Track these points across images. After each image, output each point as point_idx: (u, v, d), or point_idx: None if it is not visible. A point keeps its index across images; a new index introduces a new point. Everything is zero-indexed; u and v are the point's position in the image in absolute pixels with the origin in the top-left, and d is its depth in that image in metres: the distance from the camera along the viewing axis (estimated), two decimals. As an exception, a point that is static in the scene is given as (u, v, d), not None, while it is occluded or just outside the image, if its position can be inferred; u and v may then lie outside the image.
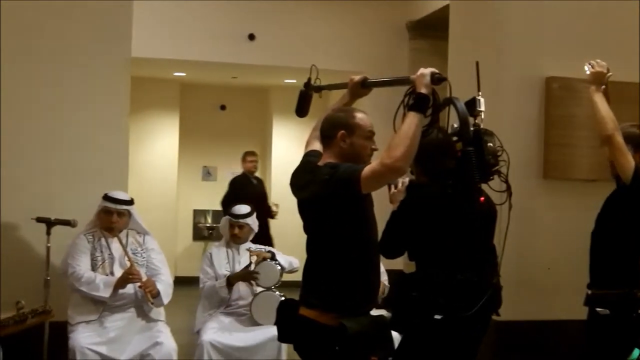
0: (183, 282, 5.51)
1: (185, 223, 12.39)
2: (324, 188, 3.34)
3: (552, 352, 5.55)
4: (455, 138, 3.69)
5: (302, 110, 4.14)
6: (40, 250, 5.41)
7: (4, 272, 5.51)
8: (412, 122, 3.20)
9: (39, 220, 5.23)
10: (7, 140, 5.71)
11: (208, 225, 12.40)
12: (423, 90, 3.25)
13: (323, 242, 3.44)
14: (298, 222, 3.37)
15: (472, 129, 3.63)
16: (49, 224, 5.21)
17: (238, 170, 11.18)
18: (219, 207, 12.06)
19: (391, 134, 3.40)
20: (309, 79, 4.10)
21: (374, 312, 3.52)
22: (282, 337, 3.67)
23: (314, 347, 3.40)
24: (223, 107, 12.70)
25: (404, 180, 3.95)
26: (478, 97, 3.66)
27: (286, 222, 11.68)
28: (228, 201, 9.56)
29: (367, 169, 3.22)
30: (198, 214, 12.50)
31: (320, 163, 3.50)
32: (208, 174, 12.67)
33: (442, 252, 3.74)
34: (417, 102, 3.25)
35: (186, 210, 12.39)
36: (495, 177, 3.75)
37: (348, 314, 3.32)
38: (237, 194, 9.62)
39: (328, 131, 3.50)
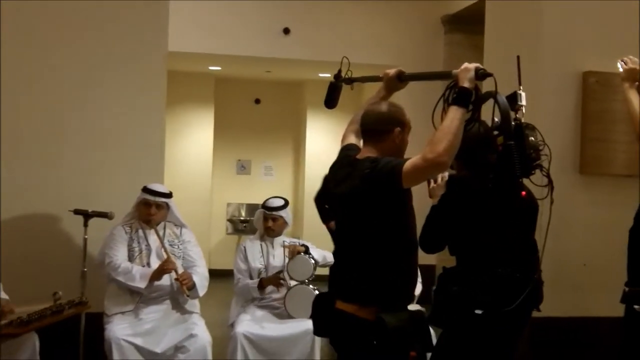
0: (217, 275, 5.55)
1: (219, 216, 12.45)
2: (365, 182, 3.33)
3: (588, 349, 5.51)
4: (496, 132, 3.67)
5: (331, 101, 4.14)
6: (77, 242, 5.48)
7: (42, 263, 5.62)
8: (454, 116, 3.18)
9: (77, 212, 5.29)
10: (46, 134, 5.81)
11: (242, 218, 12.45)
12: (466, 85, 3.22)
13: (362, 236, 3.42)
14: None
15: (513, 123, 3.60)
16: (87, 216, 5.26)
17: (271, 163, 11.25)
18: (252, 201, 12.14)
19: (426, 128, 3.40)
20: (339, 71, 4.10)
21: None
22: (317, 331, 3.68)
23: (352, 342, 3.39)
24: (257, 101, 12.74)
25: (443, 175, 3.93)
26: (519, 92, 3.63)
27: (318, 217, 11.72)
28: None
29: (408, 164, 3.20)
30: (232, 207, 12.55)
31: (360, 157, 3.49)
32: (242, 167, 12.72)
33: (483, 246, 3.72)
34: (460, 97, 3.22)
35: (220, 204, 12.44)
36: (537, 171, 3.72)
37: (386, 309, 3.31)
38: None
39: (381, 126, 3.47)
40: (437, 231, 3.83)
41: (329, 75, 11.01)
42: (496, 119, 3.65)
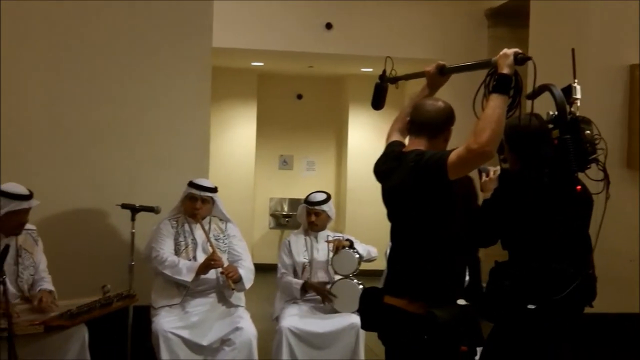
0: (260, 270, 5.58)
1: (262, 211, 12.51)
2: (411, 175, 3.32)
3: (633, 345, 5.44)
4: (551, 125, 3.63)
5: (378, 103, 4.12)
6: (125, 236, 5.57)
7: (91, 256, 5.71)
8: (496, 104, 3.14)
9: (124, 206, 5.37)
10: (95, 130, 5.90)
11: (284, 213, 12.50)
12: (506, 71, 3.18)
13: (411, 230, 3.42)
14: (371, 211, 3.39)
15: (569, 116, 3.57)
16: (134, 210, 5.34)
17: (313, 159, 11.30)
18: (295, 196, 12.18)
19: (468, 119, 3.39)
20: (384, 71, 4.08)
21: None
22: (365, 325, 3.66)
23: (401, 336, 3.38)
24: (300, 97, 12.76)
25: (495, 169, 3.92)
26: (574, 85, 3.59)
27: (361, 212, 11.75)
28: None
29: (453, 155, 3.18)
30: (274, 202, 12.61)
31: (406, 150, 3.49)
32: (284, 162, 12.77)
33: (537, 241, 3.67)
34: (499, 83, 3.18)
35: (263, 199, 12.50)
36: (592, 165, 3.68)
37: (437, 303, 3.30)
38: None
39: (438, 123, 3.47)
40: (489, 225, 3.81)
41: (371, 70, 11.05)
42: (550, 112, 3.61)
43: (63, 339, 4.55)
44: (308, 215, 5.89)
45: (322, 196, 5.90)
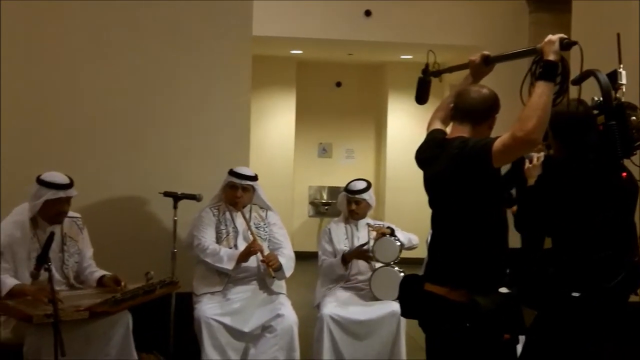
0: (299, 257, 5.60)
1: (302, 199, 12.54)
2: (455, 162, 3.31)
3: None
4: (596, 111, 3.58)
5: (422, 97, 4.09)
6: (167, 223, 5.62)
7: (134, 243, 5.78)
8: (542, 91, 3.12)
9: (167, 194, 5.42)
10: (137, 119, 5.98)
11: (323, 201, 12.52)
12: (551, 58, 3.16)
13: (453, 217, 3.40)
14: (411, 199, 3.37)
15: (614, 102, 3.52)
16: (176, 198, 5.38)
17: (352, 146, 11.31)
18: (334, 184, 12.19)
19: (512, 106, 3.35)
20: (427, 65, 4.05)
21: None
22: (405, 313, 3.66)
23: (443, 324, 3.38)
24: (339, 84, 12.75)
25: (539, 155, 3.88)
26: (619, 70, 3.53)
27: (400, 200, 11.72)
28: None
29: (498, 142, 3.17)
30: (314, 190, 12.63)
31: (449, 137, 3.48)
32: (324, 150, 12.78)
33: (581, 228, 3.63)
34: (545, 70, 3.15)
35: (302, 187, 12.53)
36: (638, 152, 3.63)
37: (479, 291, 3.29)
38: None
39: (483, 110, 3.45)
40: (533, 212, 3.77)
41: (410, 57, 11.01)
42: (596, 98, 3.56)
43: (107, 325, 4.60)
44: (348, 204, 5.87)
45: (363, 184, 5.88)
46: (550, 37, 3.21)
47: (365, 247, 5.68)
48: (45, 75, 5.86)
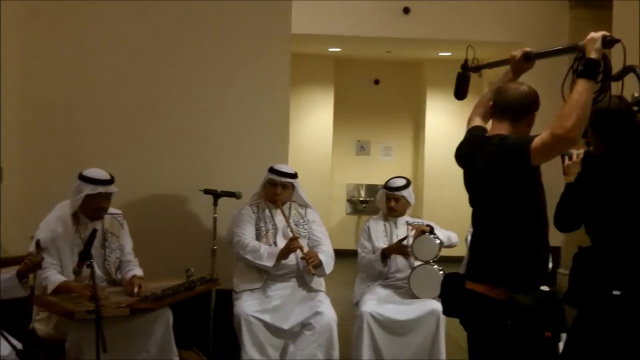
0: (337, 255, 5.58)
1: (339, 197, 12.54)
2: (494, 159, 3.29)
3: None
4: (636, 108, 3.54)
5: (460, 93, 4.06)
6: (207, 220, 5.66)
7: (175, 240, 5.84)
8: (582, 89, 3.08)
9: (207, 192, 5.46)
10: (178, 117, 6.05)
11: (361, 199, 12.51)
12: (593, 55, 3.12)
13: (493, 215, 3.38)
14: (450, 197, 3.35)
15: None
16: (216, 195, 5.42)
17: (390, 144, 11.28)
18: (372, 181, 12.17)
19: (551, 104, 3.32)
20: (466, 60, 4.02)
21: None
22: (447, 311, 3.64)
23: (483, 322, 3.36)
24: (377, 82, 12.72)
25: (578, 152, 3.84)
26: None
27: (439, 198, 11.66)
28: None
29: (537, 140, 3.14)
30: (351, 187, 12.62)
31: (489, 134, 3.45)
32: (362, 148, 12.76)
33: (622, 226, 3.60)
34: (587, 68, 3.12)
35: (340, 184, 12.53)
36: None
37: (519, 289, 3.26)
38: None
39: (523, 106, 3.41)
40: (572, 210, 3.74)
41: (449, 54, 10.94)
42: (636, 94, 3.52)
43: (148, 321, 4.63)
44: (387, 201, 5.84)
45: (402, 182, 5.85)
46: (592, 34, 3.17)
47: (404, 242, 5.66)
48: (90, 74, 5.98)
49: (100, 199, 4.80)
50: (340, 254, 5.82)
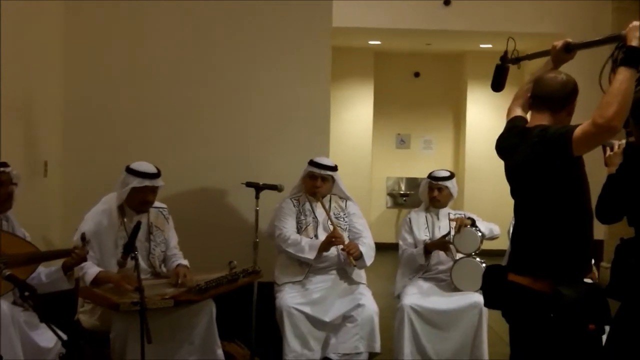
0: (377, 249, 5.58)
1: (379, 190, 12.53)
2: (535, 150, 3.27)
3: None
4: None
5: (498, 84, 4.03)
6: (249, 213, 5.69)
7: (218, 233, 5.91)
8: (623, 78, 3.04)
9: (249, 185, 5.48)
10: (220, 111, 6.12)
11: (402, 192, 12.48)
12: (635, 43, 3.08)
13: (535, 207, 3.36)
14: (491, 190, 3.32)
15: None
16: (258, 188, 5.43)
17: (430, 137, 11.23)
18: (412, 175, 12.14)
19: (591, 93, 3.28)
20: (506, 52, 3.99)
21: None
22: (489, 303, 3.63)
23: (526, 314, 3.34)
24: (417, 75, 12.67)
25: (620, 143, 3.79)
26: None
27: (479, 191, 11.60)
28: None
29: (578, 130, 3.11)
30: (391, 181, 12.60)
31: (529, 125, 3.43)
32: (402, 141, 12.73)
33: None
34: (628, 56, 3.07)
35: (380, 178, 12.52)
36: None
37: (563, 281, 3.24)
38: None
39: (562, 96, 3.39)
40: (614, 201, 3.70)
41: (490, 46, 10.87)
42: None
43: (192, 313, 4.68)
44: (430, 191, 5.80)
45: (446, 173, 5.82)
46: (635, 23, 3.14)
47: (447, 238, 5.64)
48: (132, 70, 6.08)
49: (146, 192, 4.85)
50: (381, 248, 5.81)
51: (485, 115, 11.82)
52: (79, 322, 4.80)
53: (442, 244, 5.65)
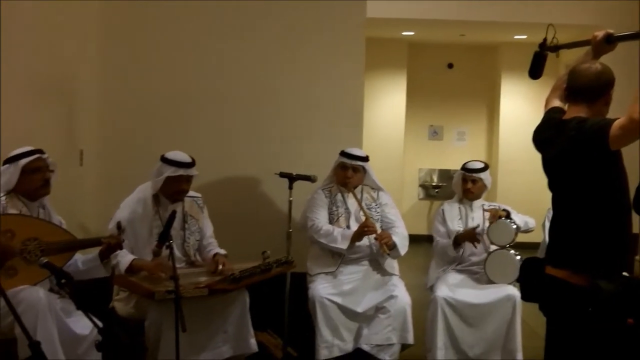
0: (409, 240, 5.55)
1: (411, 182, 12.48)
2: (572, 143, 3.24)
3: None
4: None
5: (536, 72, 4.00)
6: (282, 204, 5.70)
7: (251, 223, 5.94)
8: None
9: (282, 175, 5.49)
10: (254, 102, 6.14)
11: (434, 184, 12.43)
12: None
13: (573, 200, 3.33)
14: (525, 183, 3.27)
15: None
16: (291, 179, 5.43)
17: (463, 129, 11.14)
18: (445, 166, 12.08)
19: (629, 86, 3.24)
20: (545, 40, 3.95)
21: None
22: (526, 296, 3.61)
23: (564, 308, 3.32)
24: (450, 66, 12.58)
25: None
26: None
27: (513, 183, 11.52)
28: None
29: (616, 124, 3.09)
30: (424, 172, 12.55)
31: (566, 117, 3.40)
32: (434, 133, 12.66)
33: None
34: None
35: (412, 169, 12.46)
36: None
37: (602, 275, 3.21)
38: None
39: (597, 87, 3.37)
40: None
41: (525, 37, 10.77)
42: None
43: (226, 302, 4.71)
44: (464, 182, 5.76)
45: (481, 164, 5.78)
46: None
47: (477, 230, 5.60)
48: (167, 62, 6.13)
49: (181, 181, 4.87)
50: (413, 239, 5.79)
51: (520, 107, 11.72)
52: (114, 309, 4.85)
53: (471, 235, 5.61)
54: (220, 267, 4.80)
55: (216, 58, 6.13)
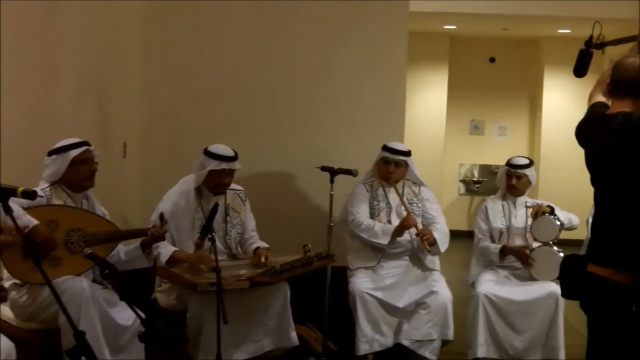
0: (450, 236, 5.52)
1: (452, 177, 12.40)
2: (617, 138, 3.18)
3: None
4: None
5: (581, 69, 3.94)
6: (324, 197, 5.68)
7: (293, 216, 5.97)
8: None
9: (324, 169, 5.47)
10: (297, 95, 6.18)
11: (475, 179, 12.34)
12: None
13: (616, 196, 3.27)
14: (567, 179, 3.21)
15: None
16: (333, 172, 5.42)
17: (505, 123, 11.03)
18: (486, 161, 11.99)
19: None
20: (591, 37, 3.89)
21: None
22: (566, 293, 3.56)
23: (606, 306, 3.27)
24: (492, 60, 12.48)
25: None
26: None
27: (556, 179, 11.39)
28: None
29: None
30: (465, 167, 12.46)
31: (610, 112, 3.35)
32: (476, 127, 12.56)
33: None
34: None
35: (452, 164, 12.38)
36: None
37: None
38: None
39: None
40: None
41: (568, 31, 10.63)
42: None
43: (267, 294, 4.73)
44: (508, 178, 5.69)
45: (526, 160, 5.70)
46: None
47: (530, 254, 5.51)
48: (211, 58, 6.18)
49: (224, 174, 4.90)
50: (453, 235, 5.75)
51: (562, 102, 11.59)
52: (156, 301, 4.89)
53: (521, 256, 5.54)
54: (263, 259, 4.81)
55: (257, 52, 6.16)
